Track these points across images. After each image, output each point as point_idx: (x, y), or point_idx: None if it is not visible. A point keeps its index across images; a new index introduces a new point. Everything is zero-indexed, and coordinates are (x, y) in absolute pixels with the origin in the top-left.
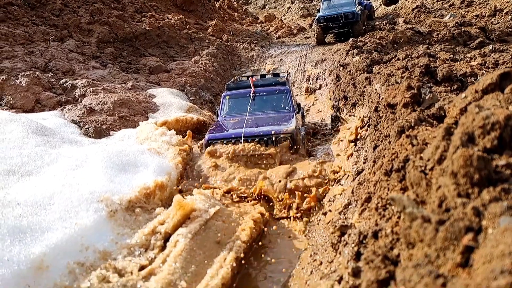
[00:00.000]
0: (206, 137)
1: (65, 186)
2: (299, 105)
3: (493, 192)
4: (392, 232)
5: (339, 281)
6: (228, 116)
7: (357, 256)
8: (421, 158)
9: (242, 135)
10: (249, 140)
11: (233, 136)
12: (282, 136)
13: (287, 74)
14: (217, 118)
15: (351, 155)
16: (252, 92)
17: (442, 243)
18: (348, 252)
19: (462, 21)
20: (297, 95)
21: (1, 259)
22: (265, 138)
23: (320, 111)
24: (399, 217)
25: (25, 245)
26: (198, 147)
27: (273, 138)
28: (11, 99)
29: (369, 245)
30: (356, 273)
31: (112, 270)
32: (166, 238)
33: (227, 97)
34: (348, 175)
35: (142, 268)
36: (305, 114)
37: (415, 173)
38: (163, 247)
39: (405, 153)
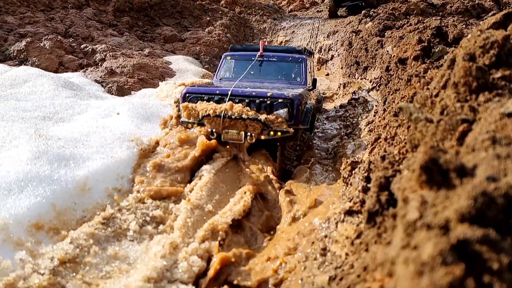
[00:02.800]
0: (184, 90)
1: (99, 127)
2: (314, 80)
3: (488, 95)
4: (399, 153)
5: (350, 200)
6: (225, 79)
7: (367, 180)
8: (427, 89)
9: (229, 92)
10: (237, 101)
11: (217, 92)
12: (280, 101)
13: (310, 51)
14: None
15: None
16: (258, 54)
17: (441, 135)
18: (359, 177)
19: None
20: None
21: (51, 177)
22: (257, 101)
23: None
24: (405, 143)
25: (70, 168)
26: (175, 101)
27: (268, 102)
28: (36, 60)
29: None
30: (365, 190)
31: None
32: (192, 174)
33: (228, 57)
34: None
35: None
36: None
37: (421, 94)
38: (189, 181)
39: (414, 91)
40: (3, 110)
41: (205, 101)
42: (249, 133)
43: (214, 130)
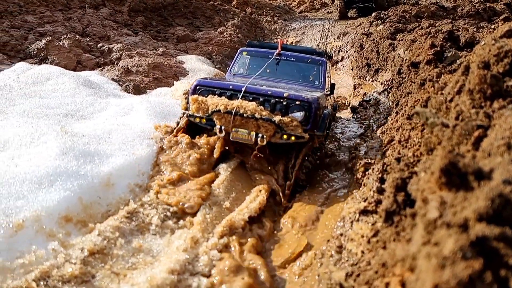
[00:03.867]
0: (195, 82)
1: (120, 125)
2: (333, 85)
3: (502, 102)
4: (413, 155)
5: (365, 200)
6: (239, 75)
7: (381, 180)
8: (442, 94)
9: (243, 89)
10: (251, 99)
11: (230, 87)
12: (297, 103)
13: (329, 54)
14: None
15: None
16: (276, 53)
17: (457, 139)
18: (373, 178)
19: None
20: None
21: (78, 172)
22: (272, 101)
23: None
24: (420, 145)
25: (95, 164)
26: (184, 93)
27: (283, 103)
28: (56, 59)
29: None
30: (380, 191)
31: None
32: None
33: (243, 53)
34: None
35: None
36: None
37: (436, 99)
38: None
39: (427, 95)
40: (28, 107)
41: (216, 96)
42: (260, 135)
43: (223, 127)
